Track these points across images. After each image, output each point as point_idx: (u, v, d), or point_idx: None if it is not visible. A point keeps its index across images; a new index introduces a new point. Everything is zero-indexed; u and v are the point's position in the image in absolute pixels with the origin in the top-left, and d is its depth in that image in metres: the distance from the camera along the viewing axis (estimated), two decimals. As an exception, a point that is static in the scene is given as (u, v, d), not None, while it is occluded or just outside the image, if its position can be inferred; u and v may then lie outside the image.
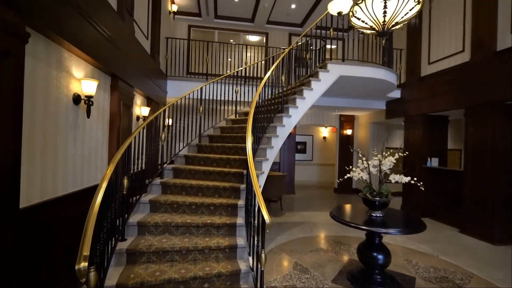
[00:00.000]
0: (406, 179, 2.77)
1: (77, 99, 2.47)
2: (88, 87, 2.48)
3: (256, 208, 2.14)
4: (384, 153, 2.92)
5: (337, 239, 4.18)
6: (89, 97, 2.52)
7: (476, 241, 4.21)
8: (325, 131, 10.13)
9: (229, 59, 7.63)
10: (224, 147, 3.96)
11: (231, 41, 8.03)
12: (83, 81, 2.47)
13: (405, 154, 3.06)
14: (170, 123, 4.48)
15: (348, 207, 3.48)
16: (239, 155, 3.70)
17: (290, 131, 4.14)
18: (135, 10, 3.91)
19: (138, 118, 4.35)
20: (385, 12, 2.27)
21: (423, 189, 2.81)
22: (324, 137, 10.19)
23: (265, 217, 1.82)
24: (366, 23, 2.46)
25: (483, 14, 4.32)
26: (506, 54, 3.96)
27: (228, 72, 5.42)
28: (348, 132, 8.38)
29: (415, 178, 2.75)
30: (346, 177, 3.22)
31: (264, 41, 8.18)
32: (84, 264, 1.37)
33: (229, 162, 3.64)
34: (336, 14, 2.92)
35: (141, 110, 4.47)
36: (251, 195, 2.41)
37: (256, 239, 2.10)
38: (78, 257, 1.40)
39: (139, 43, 4.04)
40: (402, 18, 2.32)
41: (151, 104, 4.78)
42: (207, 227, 2.67)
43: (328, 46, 4.95)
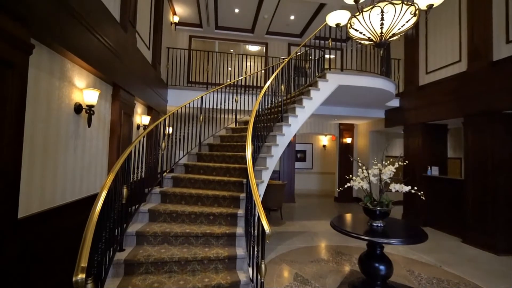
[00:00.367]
0: (407, 188, 2.75)
1: (78, 108, 2.49)
2: (90, 96, 2.50)
3: (256, 218, 2.12)
4: (384, 162, 2.91)
5: (338, 249, 4.13)
6: (90, 107, 2.54)
7: (479, 251, 4.16)
8: (324, 140, 10.14)
9: (229, 69, 7.73)
10: (224, 156, 3.96)
11: (231, 51, 8.15)
12: (85, 90, 2.50)
13: (405, 163, 3.06)
14: (170, 132, 4.50)
15: (348, 216, 3.45)
16: (239, 164, 3.70)
17: (290, 140, 4.15)
18: (137, 21, 3.99)
19: (138, 126, 4.38)
20: (382, 24, 2.32)
21: (423, 198, 2.79)
22: (324, 146, 10.20)
23: (265, 228, 1.80)
24: (363, 34, 2.51)
25: (478, 24, 4.39)
26: (503, 64, 4.01)
27: (228, 81, 5.49)
28: (348, 140, 8.40)
29: (416, 187, 2.73)
30: (346, 186, 3.21)
31: (264, 51, 8.30)
32: (81, 276, 1.35)
33: (228, 171, 3.63)
34: (334, 26, 2.98)
35: (141, 118, 4.49)
36: (251, 205, 2.40)
37: (256, 249, 2.07)
38: (75, 268, 1.38)
39: (140, 53, 4.10)
40: (399, 29, 2.37)
41: (152, 112, 4.81)
42: (206, 237, 2.64)
43: (327, 56, 5.02)
